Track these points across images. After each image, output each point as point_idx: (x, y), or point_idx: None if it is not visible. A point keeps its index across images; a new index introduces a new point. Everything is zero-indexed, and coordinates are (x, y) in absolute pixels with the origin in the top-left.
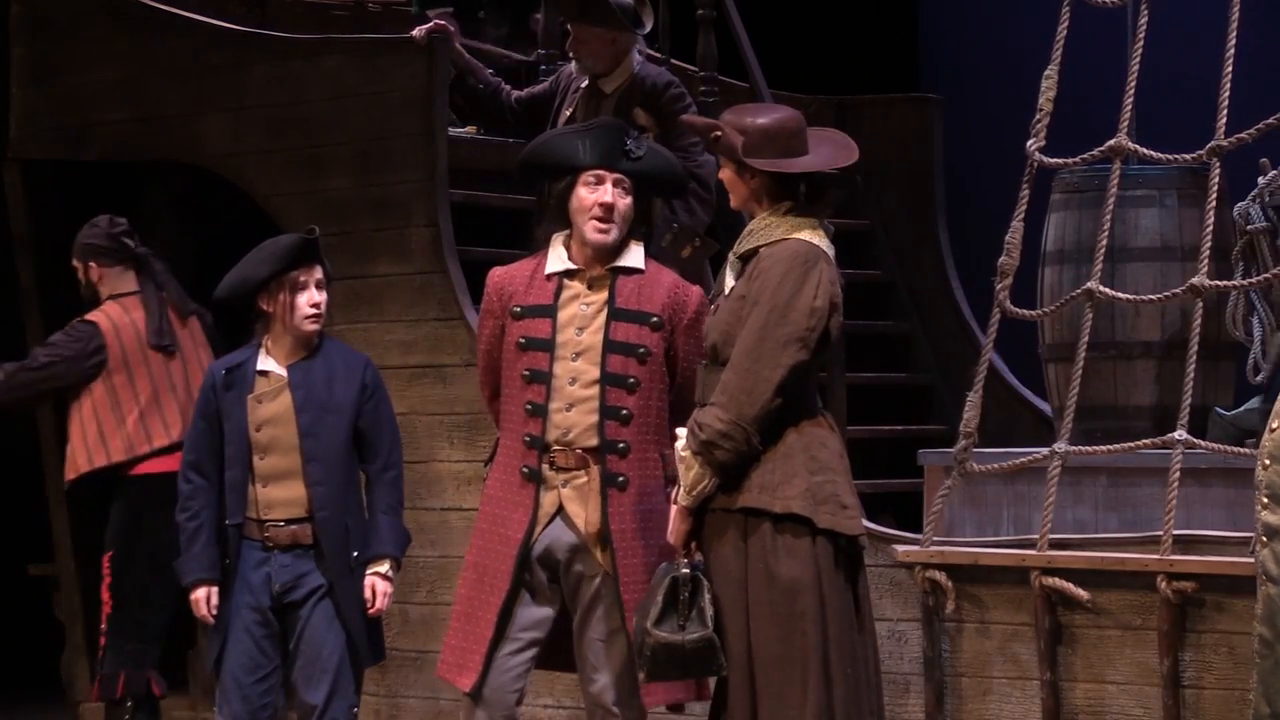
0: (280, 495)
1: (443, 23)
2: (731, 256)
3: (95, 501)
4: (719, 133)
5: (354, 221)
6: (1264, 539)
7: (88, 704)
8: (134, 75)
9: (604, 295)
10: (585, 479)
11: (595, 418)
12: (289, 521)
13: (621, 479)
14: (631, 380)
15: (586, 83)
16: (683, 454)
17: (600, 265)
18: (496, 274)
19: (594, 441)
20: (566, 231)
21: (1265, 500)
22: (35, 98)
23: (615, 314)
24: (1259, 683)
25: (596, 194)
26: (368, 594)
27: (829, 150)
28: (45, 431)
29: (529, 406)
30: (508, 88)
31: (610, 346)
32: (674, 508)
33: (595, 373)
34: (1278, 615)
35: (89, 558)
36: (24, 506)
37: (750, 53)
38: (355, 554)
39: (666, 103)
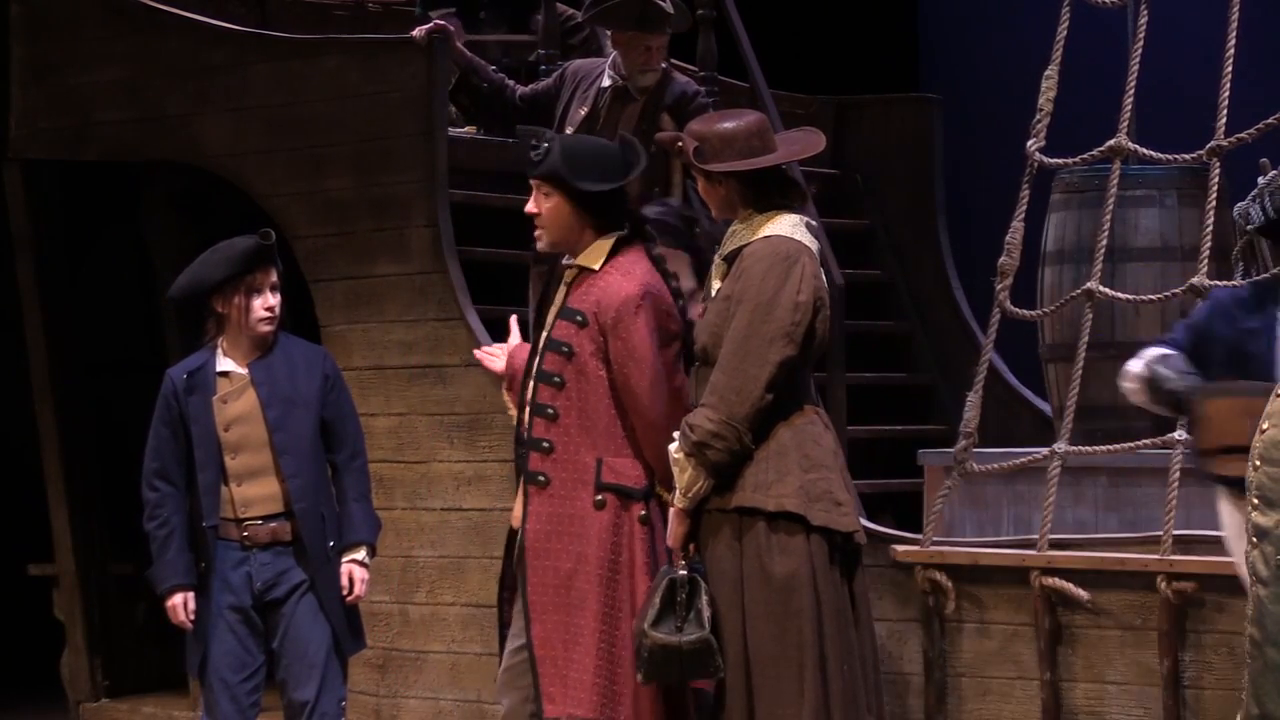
0: (256, 492)
1: (443, 23)
2: (716, 259)
3: (95, 502)
4: (681, 144)
5: (354, 221)
6: (1253, 540)
7: (88, 704)
8: (134, 75)
9: (564, 293)
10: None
11: (529, 414)
12: (267, 519)
13: (541, 477)
14: (558, 379)
15: (608, 83)
16: (675, 456)
17: (573, 263)
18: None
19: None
20: None
21: (1255, 502)
22: (35, 98)
23: (562, 312)
24: (1249, 683)
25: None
26: (345, 582)
27: (794, 146)
28: (45, 431)
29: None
30: (512, 83)
31: (549, 344)
32: (672, 510)
33: (534, 369)
34: (1266, 617)
35: (89, 558)
36: (24, 506)
37: (750, 53)
38: (331, 544)
39: (693, 111)
